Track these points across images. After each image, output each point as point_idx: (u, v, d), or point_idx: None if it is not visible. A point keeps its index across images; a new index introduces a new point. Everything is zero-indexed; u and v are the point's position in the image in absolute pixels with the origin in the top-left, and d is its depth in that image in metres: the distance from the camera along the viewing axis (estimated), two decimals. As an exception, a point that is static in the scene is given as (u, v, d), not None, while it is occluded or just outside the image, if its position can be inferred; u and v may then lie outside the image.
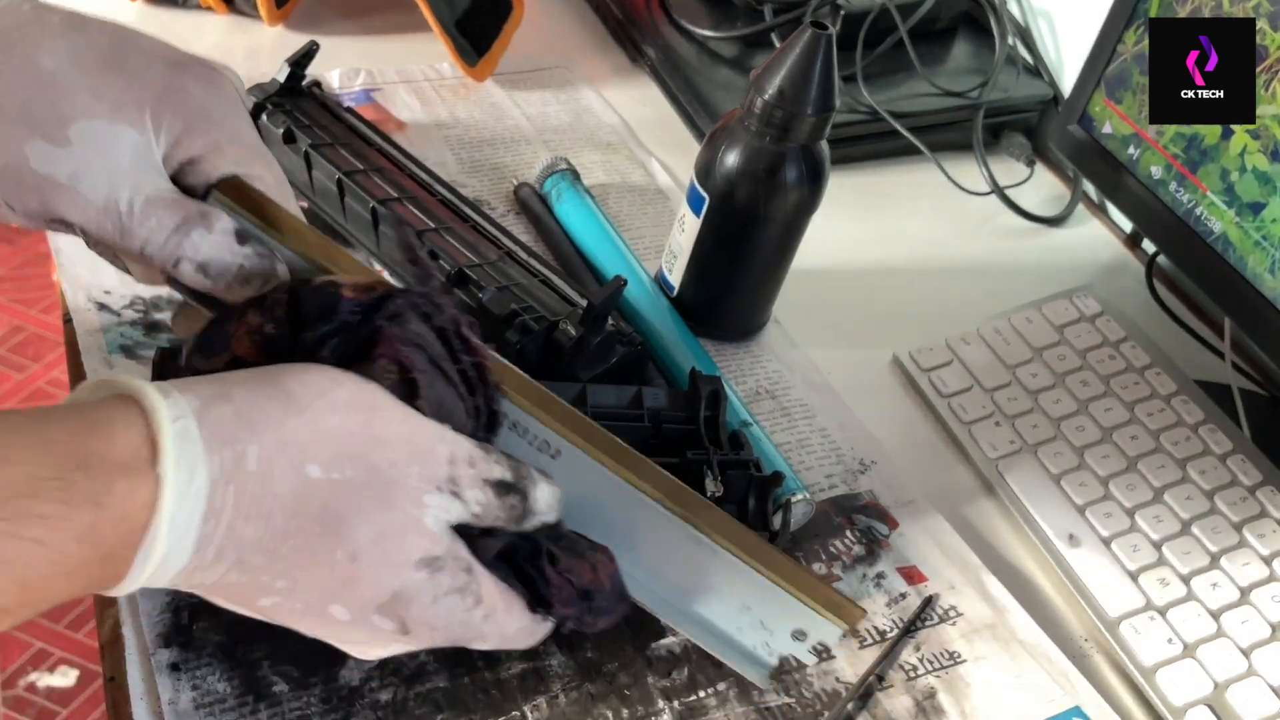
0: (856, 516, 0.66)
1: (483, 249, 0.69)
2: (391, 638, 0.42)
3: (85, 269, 0.68)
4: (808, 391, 0.73)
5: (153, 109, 0.43)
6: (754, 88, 0.64)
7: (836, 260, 0.83)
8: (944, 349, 0.76)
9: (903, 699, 0.57)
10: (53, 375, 1.92)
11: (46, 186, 0.41)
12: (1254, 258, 0.69)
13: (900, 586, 0.63)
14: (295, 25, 0.93)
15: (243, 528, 0.37)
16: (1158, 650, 0.61)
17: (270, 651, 0.53)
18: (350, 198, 0.69)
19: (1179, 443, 0.70)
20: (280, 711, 0.51)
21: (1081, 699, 0.59)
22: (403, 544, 0.40)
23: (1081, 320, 0.78)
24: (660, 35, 0.97)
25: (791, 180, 0.66)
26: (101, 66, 0.42)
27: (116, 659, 0.52)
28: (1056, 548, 0.66)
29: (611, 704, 0.55)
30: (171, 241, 0.43)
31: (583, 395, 0.62)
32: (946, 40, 1.00)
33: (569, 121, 0.91)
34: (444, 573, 0.41)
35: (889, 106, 0.90)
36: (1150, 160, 0.74)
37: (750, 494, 0.59)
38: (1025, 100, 0.96)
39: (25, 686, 1.52)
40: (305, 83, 0.76)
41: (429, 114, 0.88)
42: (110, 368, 0.63)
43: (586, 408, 0.61)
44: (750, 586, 0.50)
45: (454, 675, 0.54)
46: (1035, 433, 0.71)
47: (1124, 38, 0.74)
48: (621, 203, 0.84)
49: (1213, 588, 0.63)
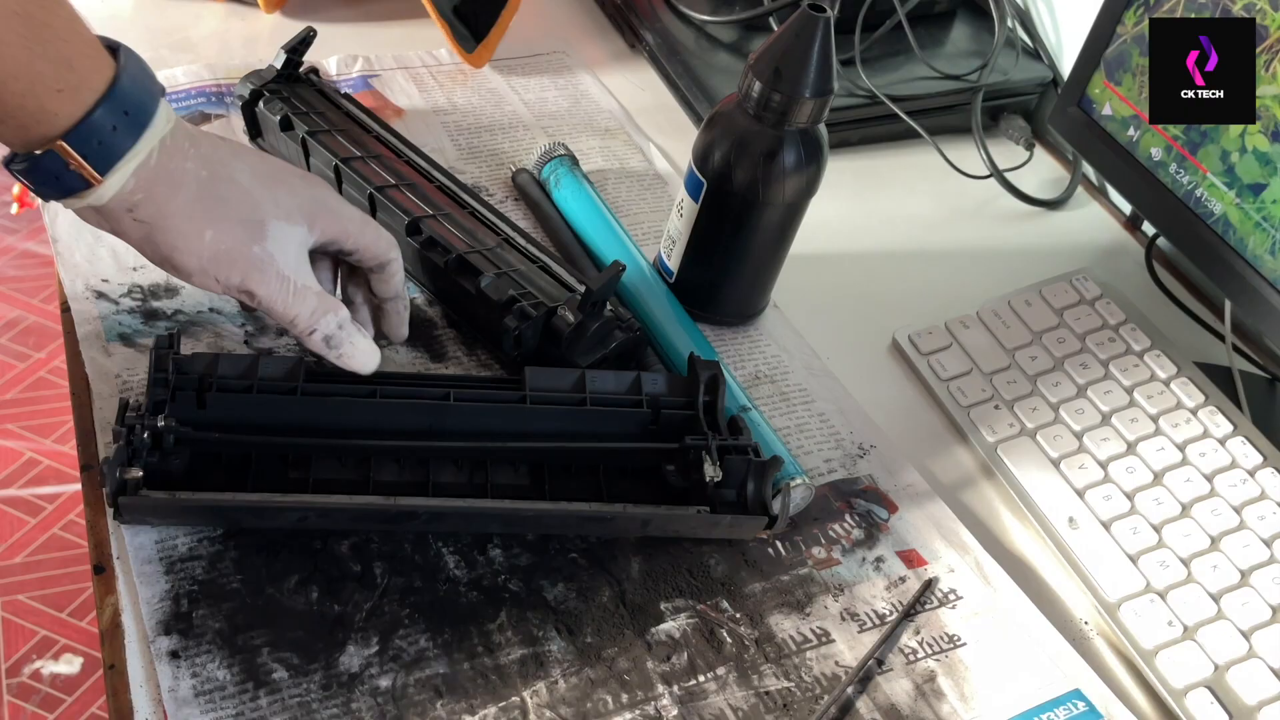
0: (856, 500, 0.66)
1: (481, 235, 0.69)
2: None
3: (83, 258, 0.68)
4: (807, 376, 0.73)
5: (305, 212, 0.57)
6: (752, 71, 0.64)
7: (835, 244, 0.83)
8: (943, 332, 0.76)
9: (902, 682, 0.58)
10: (54, 365, 1.92)
11: (251, 267, 0.55)
12: (1254, 239, 0.68)
13: (899, 570, 0.63)
14: (292, 12, 0.93)
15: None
16: (1158, 632, 0.61)
17: (270, 639, 0.53)
18: (348, 184, 0.69)
19: (1179, 425, 0.70)
20: (280, 698, 0.51)
21: (1081, 681, 0.59)
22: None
23: (1081, 303, 0.78)
24: (658, 20, 0.97)
25: (790, 164, 0.65)
26: (270, 182, 0.56)
27: (116, 647, 0.52)
28: (1056, 531, 0.66)
29: (611, 688, 0.55)
30: (312, 319, 0.57)
31: (581, 381, 0.62)
32: (945, 23, 1.00)
33: (567, 107, 0.90)
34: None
35: (888, 90, 0.90)
36: (1150, 142, 0.74)
37: (749, 479, 0.59)
38: (1024, 83, 0.96)
39: (30, 674, 1.52)
40: (302, 69, 0.76)
41: (427, 100, 0.88)
42: (109, 356, 0.63)
43: (585, 394, 0.61)
44: None
45: (453, 661, 0.54)
46: (1034, 416, 0.71)
47: (1123, 19, 0.74)
48: (620, 188, 0.84)
49: (1213, 570, 0.63)
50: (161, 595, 0.54)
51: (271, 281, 0.55)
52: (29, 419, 1.84)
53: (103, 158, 0.50)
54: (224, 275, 0.55)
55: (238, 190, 0.55)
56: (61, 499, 1.73)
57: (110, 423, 0.60)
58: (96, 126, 0.50)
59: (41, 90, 0.48)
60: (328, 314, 0.58)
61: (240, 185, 0.55)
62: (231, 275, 0.55)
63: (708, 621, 0.58)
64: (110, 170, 0.51)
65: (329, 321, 0.58)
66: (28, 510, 1.71)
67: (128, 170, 0.51)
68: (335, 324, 0.58)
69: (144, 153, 0.51)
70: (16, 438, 1.81)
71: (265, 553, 0.56)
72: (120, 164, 0.51)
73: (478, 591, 0.57)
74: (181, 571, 0.55)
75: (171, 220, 0.53)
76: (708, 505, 0.59)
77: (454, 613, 0.56)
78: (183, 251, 0.54)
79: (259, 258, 0.55)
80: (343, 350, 0.59)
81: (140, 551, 0.55)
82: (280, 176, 0.58)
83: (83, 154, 0.50)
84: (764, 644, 0.58)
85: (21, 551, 1.66)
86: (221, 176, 0.55)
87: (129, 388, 0.62)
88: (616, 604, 0.58)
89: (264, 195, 0.56)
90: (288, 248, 0.56)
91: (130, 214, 0.52)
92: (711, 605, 0.59)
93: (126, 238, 0.54)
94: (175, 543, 0.56)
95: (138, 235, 0.53)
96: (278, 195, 0.56)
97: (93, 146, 0.50)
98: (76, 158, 0.50)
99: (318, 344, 0.58)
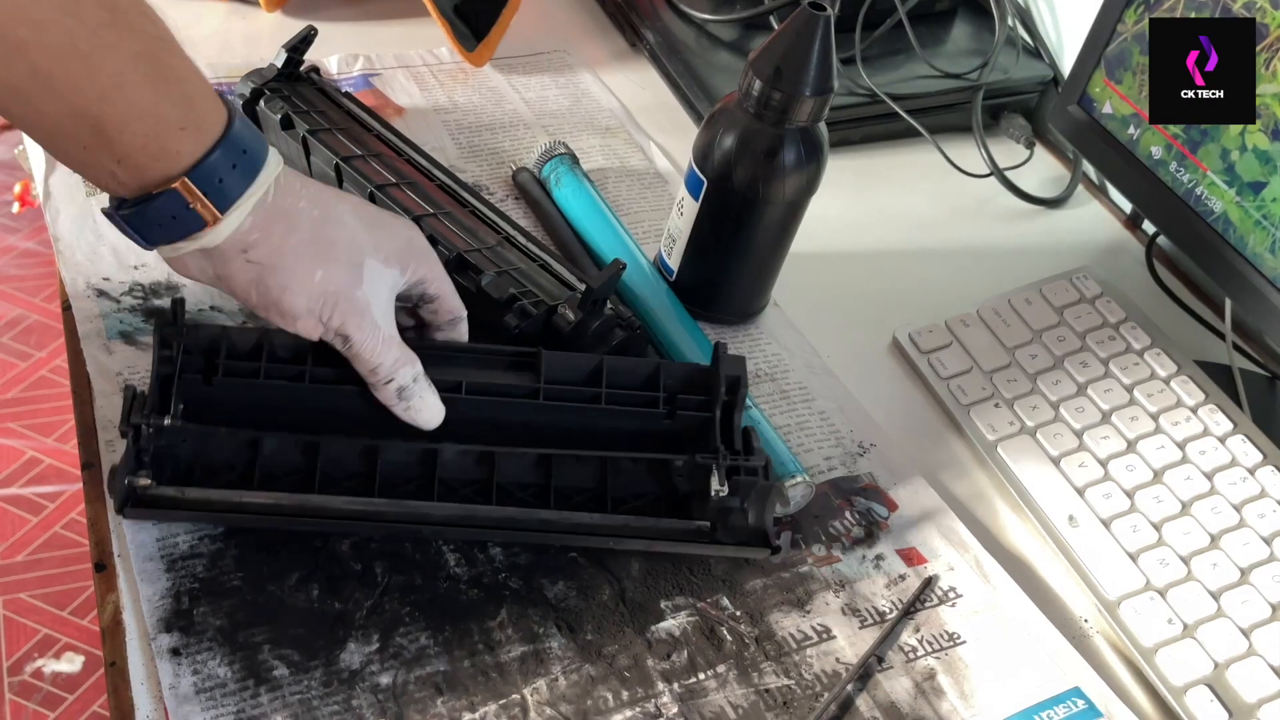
0: (856, 498, 0.66)
1: (481, 234, 0.69)
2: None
3: (84, 256, 0.68)
4: (807, 374, 0.73)
5: (401, 256, 0.58)
6: (752, 70, 0.64)
7: (836, 243, 0.83)
8: (943, 331, 0.76)
9: (902, 680, 0.58)
10: (55, 363, 1.92)
11: (353, 310, 0.55)
12: (1254, 237, 0.68)
13: (899, 568, 0.63)
14: (293, 11, 0.93)
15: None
16: (1158, 630, 0.61)
17: (271, 636, 0.53)
18: (348, 183, 0.69)
19: (1179, 424, 0.70)
20: (281, 695, 0.51)
21: (1081, 679, 0.59)
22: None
23: (1081, 301, 0.78)
24: (659, 19, 0.97)
25: (790, 163, 0.66)
26: (371, 227, 0.57)
27: (117, 644, 0.52)
28: (1056, 529, 0.66)
29: (611, 686, 0.55)
30: (393, 369, 0.57)
31: (599, 371, 0.62)
32: (946, 22, 1.00)
33: (568, 106, 0.91)
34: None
35: (888, 88, 0.90)
36: (1150, 140, 0.74)
37: (750, 505, 0.59)
38: (1025, 81, 0.96)
39: (31, 672, 1.52)
40: (303, 68, 0.76)
41: (427, 99, 0.88)
42: (110, 354, 0.63)
43: (601, 389, 0.61)
44: None
45: (454, 658, 0.54)
46: (1034, 414, 0.71)
47: (1124, 17, 0.74)
48: (620, 187, 0.84)
49: (1213, 568, 0.63)
50: (163, 593, 0.54)
51: (367, 327, 0.55)
52: (30, 418, 1.84)
53: (222, 196, 0.50)
54: (327, 316, 0.55)
55: (346, 232, 0.55)
56: (63, 498, 1.74)
57: (111, 421, 0.60)
58: (218, 165, 0.50)
59: (165, 130, 0.49)
60: (406, 366, 0.57)
61: (348, 226, 0.56)
62: (334, 317, 0.55)
63: (708, 619, 0.58)
64: (230, 208, 0.51)
65: (406, 374, 0.57)
66: (29, 509, 1.71)
67: (246, 209, 0.51)
68: (411, 377, 0.58)
69: (261, 191, 0.52)
70: (18, 436, 1.81)
71: (266, 550, 0.57)
72: (240, 202, 0.51)
73: (478, 589, 0.57)
74: (182, 569, 0.55)
75: (286, 259, 0.53)
76: (710, 518, 0.59)
77: (454, 610, 0.56)
78: (294, 292, 0.53)
79: (361, 301, 0.55)
80: (412, 404, 0.58)
81: (141, 549, 0.55)
82: (381, 220, 0.58)
83: (204, 191, 0.50)
84: (764, 641, 0.58)
85: (23, 550, 1.66)
86: (331, 218, 0.55)
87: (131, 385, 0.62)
88: (617, 601, 0.58)
89: (367, 238, 0.56)
90: (382, 292, 0.56)
91: (244, 255, 0.52)
92: (711, 603, 0.59)
93: (232, 282, 0.53)
94: (176, 540, 0.56)
95: (247, 278, 0.53)
96: (379, 239, 0.57)
97: (214, 184, 0.50)
98: (200, 195, 0.50)
99: (389, 393, 0.58)
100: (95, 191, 0.72)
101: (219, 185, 0.50)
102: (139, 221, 0.51)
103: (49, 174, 0.73)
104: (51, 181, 0.73)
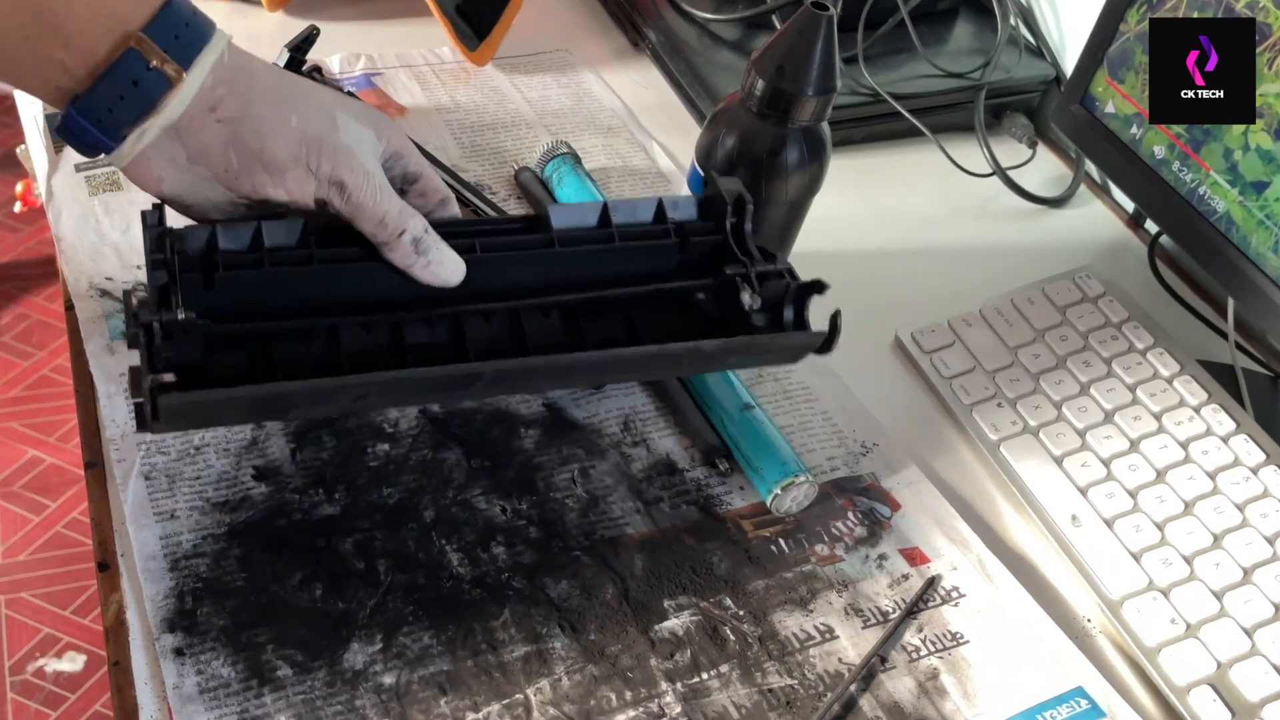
0: (858, 498, 0.66)
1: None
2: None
3: (87, 256, 0.68)
4: (809, 373, 0.73)
5: (370, 120, 0.56)
6: (755, 69, 0.64)
7: (838, 242, 0.83)
8: (946, 330, 0.76)
9: (905, 680, 0.58)
10: (57, 363, 1.92)
11: (340, 154, 0.53)
12: (1257, 237, 0.68)
13: (902, 568, 0.63)
14: (296, 11, 0.93)
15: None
16: (1160, 630, 0.61)
17: (274, 636, 0.53)
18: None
19: (1182, 423, 0.70)
20: (284, 695, 0.51)
21: (1084, 679, 0.59)
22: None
23: (1084, 301, 0.78)
24: (661, 18, 0.97)
25: (793, 162, 0.66)
26: (342, 100, 0.56)
27: (121, 644, 0.52)
28: (1059, 528, 0.66)
29: (615, 685, 0.55)
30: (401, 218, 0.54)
31: (605, 215, 0.61)
32: (948, 21, 1.00)
33: (570, 105, 0.91)
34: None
35: (890, 88, 0.90)
36: (1153, 140, 0.74)
37: (786, 303, 0.59)
38: (1027, 81, 0.96)
39: (34, 672, 1.52)
40: (306, 68, 0.76)
41: (430, 98, 0.88)
42: (112, 354, 0.63)
43: (612, 229, 0.60)
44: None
45: (457, 658, 0.54)
46: (1037, 413, 0.71)
47: (1126, 17, 0.74)
48: (623, 186, 0.84)
49: (1215, 567, 0.63)
50: (166, 592, 0.54)
51: (359, 171, 0.53)
52: (32, 417, 1.84)
53: (182, 51, 0.49)
54: (315, 162, 0.52)
55: (309, 85, 0.54)
56: (65, 497, 1.74)
57: (115, 421, 0.60)
58: (173, 20, 0.49)
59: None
60: (414, 215, 0.55)
61: (309, 83, 0.55)
62: (323, 163, 0.52)
63: (711, 619, 0.58)
64: (193, 63, 0.50)
65: (417, 223, 0.54)
66: (31, 508, 1.72)
67: (208, 63, 0.50)
68: (422, 227, 0.55)
69: (219, 49, 0.51)
70: (20, 436, 1.81)
71: (269, 550, 0.57)
72: (201, 55, 0.50)
73: (481, 589, 0.57)
74: (186, 568, 0.55)
75: (255, 107, 0.51)
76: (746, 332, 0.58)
77: (457, 610, 0.56)
78: (273, 138, 0.51)
79: (345, 146, 0.53)
80: (431, 256, 0.55)
81: (144, 548, 0.55)
82: (350, 104, 0.56)
83: (164, 47, 0.49)
84: (767, 641, 0.58)
85: (25, 549, 1.66)
86: (287, 76, 0.54)
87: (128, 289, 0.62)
88: (620, 601, 0.58)
89: (330, 95, 0.55)
90: (364, 143, 0.54)
91: (213, 114, 0.51)
92: (715, 602, 0.59)
93: (208, 153, 0.51)
94: (179, 539, 0.56)
95: (222, 139, 0.51)
96: (342, 100, 0.56)
97: (171, 40, 0.49)
98: (160, 51, 0.49)
99: (405, 248, 0.54)
100: (98, 191, 0.72)
101: (175, 41, 0.49)
102: (98, 103, 0.49)
103: (51, 173, 0.73)
104: (54, 181, 0.73)
